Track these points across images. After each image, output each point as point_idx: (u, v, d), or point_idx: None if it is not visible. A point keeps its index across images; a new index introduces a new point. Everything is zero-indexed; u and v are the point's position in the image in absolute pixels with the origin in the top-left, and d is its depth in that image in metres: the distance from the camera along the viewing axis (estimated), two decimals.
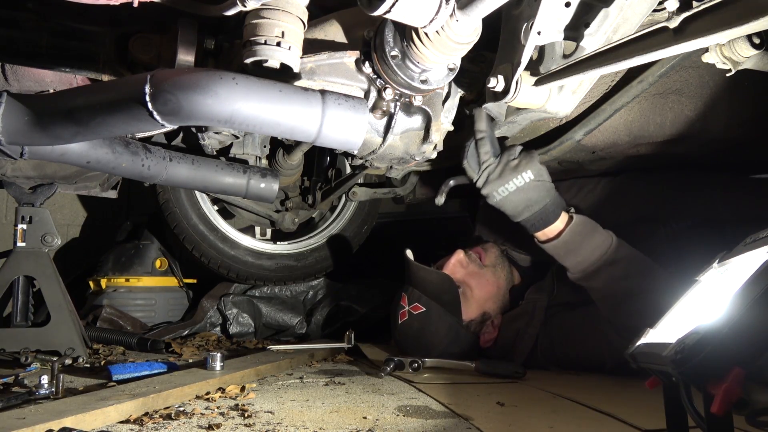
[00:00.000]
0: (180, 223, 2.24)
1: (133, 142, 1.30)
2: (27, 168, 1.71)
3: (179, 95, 0.94)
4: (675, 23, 0.84)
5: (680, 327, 0.76)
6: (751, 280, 0.66)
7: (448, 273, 1.71)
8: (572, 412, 1.17)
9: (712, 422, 0.61)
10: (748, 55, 1.04)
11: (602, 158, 1.69)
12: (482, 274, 1.75)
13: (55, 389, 1.22)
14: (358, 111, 1.06)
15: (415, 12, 0.89)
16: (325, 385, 1.44)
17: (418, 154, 1.29)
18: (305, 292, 2.54)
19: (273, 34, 1.02)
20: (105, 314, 2.29)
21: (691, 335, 0.65)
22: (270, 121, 1.00)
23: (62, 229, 3.18)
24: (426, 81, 1.12)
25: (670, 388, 0.75)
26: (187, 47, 1.19)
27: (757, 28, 0.75)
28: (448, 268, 1.73)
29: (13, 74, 1.30)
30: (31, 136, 1.05)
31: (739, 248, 0.82)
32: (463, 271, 1.74)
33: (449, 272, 1.71)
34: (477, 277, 1.74)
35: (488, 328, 1.73)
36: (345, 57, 1.14)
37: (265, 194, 1.54)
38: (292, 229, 2.36)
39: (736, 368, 0.60)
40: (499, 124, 1.48)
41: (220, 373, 1.42)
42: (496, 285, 1.75)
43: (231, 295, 2.41)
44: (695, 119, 1.50)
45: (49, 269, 1.76)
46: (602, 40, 1.10)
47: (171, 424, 1.05)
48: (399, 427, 1.05)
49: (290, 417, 1.11)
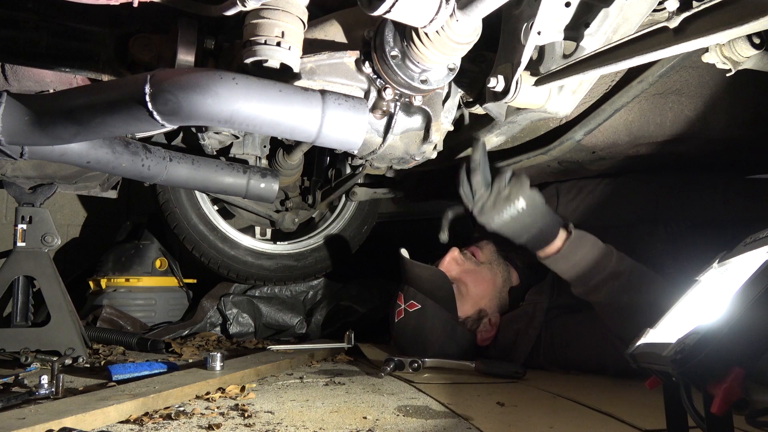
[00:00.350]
0: (180, 223, 2.25)
1: (133, 142, 1.30)
2: (27, 168, 1.71)
3: (179, 95, 0.93)
4: (675, 23, 0.84)
5: (680, 327, 0.76)
6: (751, 280, 0.66)
7: (443, 270, 1.71)
8: (572, 412, 1.17)
9: (712, 422, 0.61)
10: (748, 55, 1.04)
11: (602, 158, 1.69)
12: (478, 271, 1.74)
13: (55, 389, 1.22)
14: (358, 111, 1.06)
15: (415, 12, 0.89)
16: (325, 385, 1.44)
17: (418, 154, 1.29)
18: (305, 292, 2.54)
19: (273, 34, 1.02)
20: (105, 314, 2.29)
21: (691, 335, 0.65)
22: (270, 121, 1.00)
23: (62, 229, 3.18)
24: (426, 81, 1.12)
25: (670, 388, 0.76)
26: (187, 47, 1.19)
27: (757, 28, 0.75)
28: (443, 265, 1.73)
29: (13, 74, 1.30)
30: (31, 136, 1.05)
31: (739, 248, 0.82)
32: (458, 268, 1.74)
33: (444, 269, 1.71)
34: (472, 274, 1.73)
35: (485, 326, 1.72)
36: (345, 57, 1.14)
37: (265, 194, 1.54)
38: (292, 229, 2.36)
39: (736, 368, 0.60)
40: (499, 124, 1.48)
41: (220, 373, 1.42)
42: (492, 282, 1.74)
43: (231, 295, 2.41)
44: (695, 119, 1.50)
45: (49, 269, 1.76)
46: (602, 40, 1.10)
47: (171, 424, 1.05)
48: (399, 427, 1.05)
49: (290, 417, 1.11)
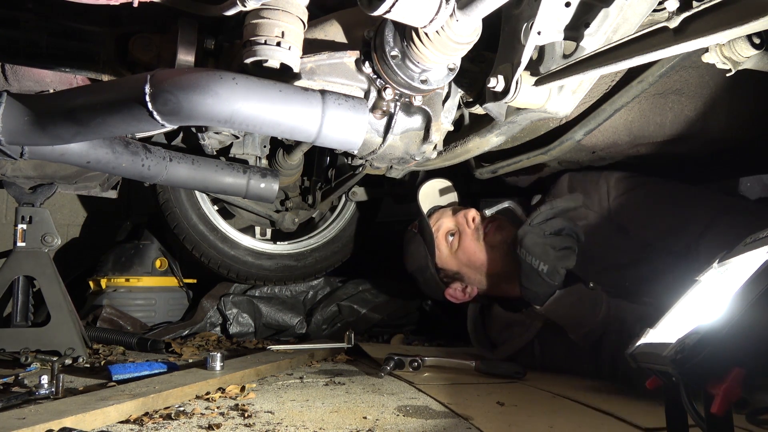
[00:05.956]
0: (180, 223, 2.24)
1: (133, 142, 1.30)
2: (27, 168, 1.71)
3: (179, 95, 0.93)
4: (675, 23, 0.84)
5: (680, 327, 0.76)
6: (751, 280, 0.66)
7: (450, 217, 1.81)
8: (572, 412, 1.17)
9: (712, 422, 0.61)
10: (748, 55, 1.04)
11: (602, 158, 1.69)
12: (476, 245, 1.76)
13: (55, 389, 1.22)
14: (358, 111, 1.06)
15: (415, 12, 0.89)
16: (325, 385, 1.44)
17: (418, 154, 1.29)
18: (305, 292, 2.54)
19: (273, 34, 1.02)
20: (105, 314, 2.29)
21: (691, 335, 0.65)
22: (270, 121, 1.00)
23: (62, 229, 3.18)
24: (426, 81, 1.12)
25: (670, 388, 0.76)
26: (187, 47, 1.19)
27: (757, 28, 0.75)
28: (454, 212, 1.83)
29: (13, 74, 1.30)
30: (31, 136, 1.05)
31: (739, 248, 0.83)
32: (464, 225, 1.79)
33: (450, 216, 1.81)
34: (469, 240, 1.76)
35: (457, 289, 1.81)
36: (345, 57, 1.14)
37: (265, 194, 1.54)
38: (292, 229, 2.36)
39: (736, 368, 0.60)
40: (499, 124, 1.48)
41: (220, 373, 1.42)
42: (483, 263, 1.75)
43: (231, 295, 2.41)
44: (695, 119, 1.50)
45: (49, 269, 1.76)
46: (602, 40, 1.10)
47: (171, 424, 1.05)
48: (399, 427, 1.05)
49: (290, 417, 1.11)
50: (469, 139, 1.50)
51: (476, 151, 1.53)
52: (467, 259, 1.76)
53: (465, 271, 1.78)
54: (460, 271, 1.79)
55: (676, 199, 1.61)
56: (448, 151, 1.56)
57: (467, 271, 1.78)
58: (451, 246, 1.78)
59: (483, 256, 1.74)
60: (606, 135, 1.58)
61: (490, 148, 1.56)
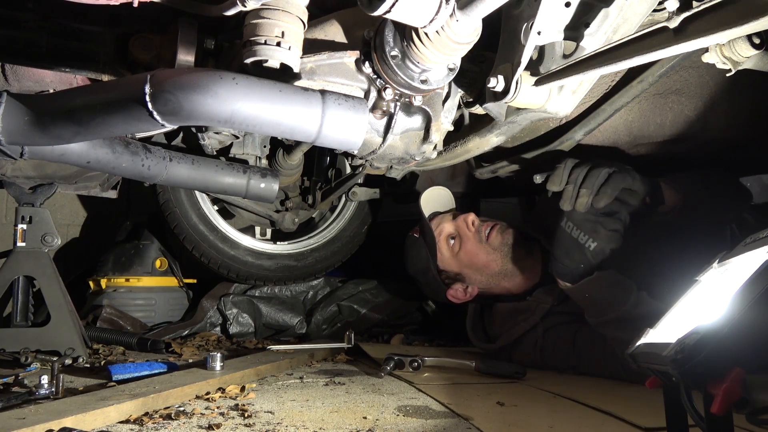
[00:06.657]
0: (180, 223, 2.24)
1: (133, 142, 1.30)
2: (27, 168, 1.71)
3: (179, 95, 0.93)
4: (675, 23, 0.84)
5: (680, 327, 0.76)
6: (751, 280, 0.66)
7: (450, 222, 1.85)
8: (572, 412, 1.17)
9: (712, 422, 0.61)
10: (748, 55, 1.04)
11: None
12: (477, 246, 1.81)
13: (55, 389, 1.22)
14: (358, 111, 1.06)
15: (415, 12, 0.89)
16: (325, 385, 1.44)
17: (418, 154, 1.29)
18: (305, 292, 2.55)
19: (273, 34, 1.02)
20: (105, 314, 2.29)
21: (691, 335, 0.65)
22: (270, 121, 1.00)
23: (62, 229, 3.18)
24: (426, 81, 1.12)
25: (670, 388, 0.76)
26: (187, 47, 1.19)
27: (757, 28, 0.75)
28: (453, 217, 1.87)
29: (13, 74, 1.29)
30: (31, 136, 1.05)
31: (739, 248, 0.82)
32: (463, 230, 1.83)
33: (450, 220, 1.85)
34: (470, 243, 1.81)
35: (458, 289, 1.85)
36: (345, 57, 1.14)
37: (265, 194, 1.54)
38: (292, 229, 2.36)
39: (736, 368, 0.60)
40: (499, 124, 1.48)
41: (220, 373, 1.42)
42: (484, 264, 1.80)
43: (231, 295, 2.41)
44: (695, 119, 1.50)
45: (49, 269, 1.76)
46: (602, 40, 1.10)
47: (171, 424, 1.05)
48: (399, 427, 1.05)
49: (290, 417, 1.11)
50: (469, 139, 1.50)
51: (476, 151, 1.53)
52: (469, 261, 1.81)
53: (466, 272, 1.83)
54: (462, 272, 1.84)
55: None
56: (448, 151, 1.56)
57: (468, 272, 1.83)
58: (453, 249, 1.83)
59: (485, 257, 1.80)
60: (606, 135, 1.58)
61: (490, 147, 1.56)
